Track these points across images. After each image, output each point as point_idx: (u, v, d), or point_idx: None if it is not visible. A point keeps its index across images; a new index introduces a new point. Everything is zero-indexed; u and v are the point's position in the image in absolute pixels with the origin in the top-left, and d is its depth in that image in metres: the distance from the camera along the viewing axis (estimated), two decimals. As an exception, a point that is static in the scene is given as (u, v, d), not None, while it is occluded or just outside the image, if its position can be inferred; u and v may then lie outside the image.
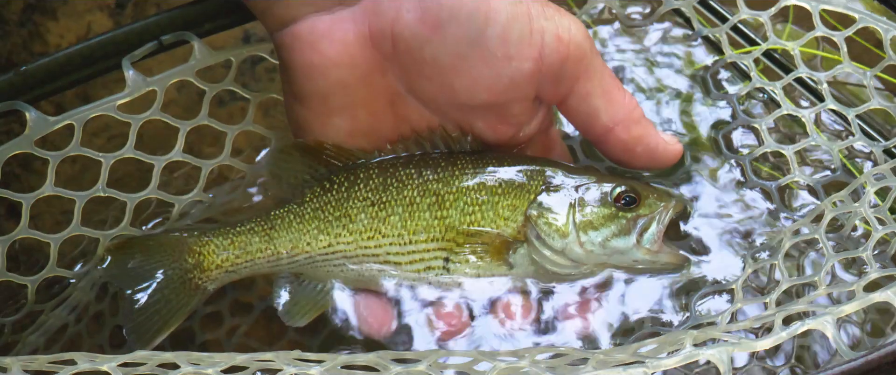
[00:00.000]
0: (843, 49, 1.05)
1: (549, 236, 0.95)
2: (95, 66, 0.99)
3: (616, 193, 0.96)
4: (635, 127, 0.98)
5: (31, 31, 1.19)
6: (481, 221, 0.96)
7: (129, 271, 0.97)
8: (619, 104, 0.97)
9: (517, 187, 0.97)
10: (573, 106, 0.97)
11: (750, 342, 0.77)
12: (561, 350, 0.84)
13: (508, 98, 0.95)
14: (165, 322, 0.96)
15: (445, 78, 0.94)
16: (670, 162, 1.00)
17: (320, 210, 0.98)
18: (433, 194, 0.96)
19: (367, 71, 0.95)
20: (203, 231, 0.99)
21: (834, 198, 0.98)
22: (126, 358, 0.75)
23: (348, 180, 0.98)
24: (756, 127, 1.09)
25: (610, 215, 0.96)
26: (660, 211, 0.96)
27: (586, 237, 0.95)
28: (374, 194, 0.97)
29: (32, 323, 1.01)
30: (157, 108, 1.01)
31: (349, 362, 0.79)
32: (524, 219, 0.96)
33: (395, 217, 0.96)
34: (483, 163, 0.98)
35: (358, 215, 0.97)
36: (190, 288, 0.98)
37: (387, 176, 0.98)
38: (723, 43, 1.12)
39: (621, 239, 0.95)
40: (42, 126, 0.96)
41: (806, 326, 0.77)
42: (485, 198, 0.96)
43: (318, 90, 0.95)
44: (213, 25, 1.03)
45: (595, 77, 0.96)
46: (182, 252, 0.97)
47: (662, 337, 0.87)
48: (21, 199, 0.97)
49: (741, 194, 1.07)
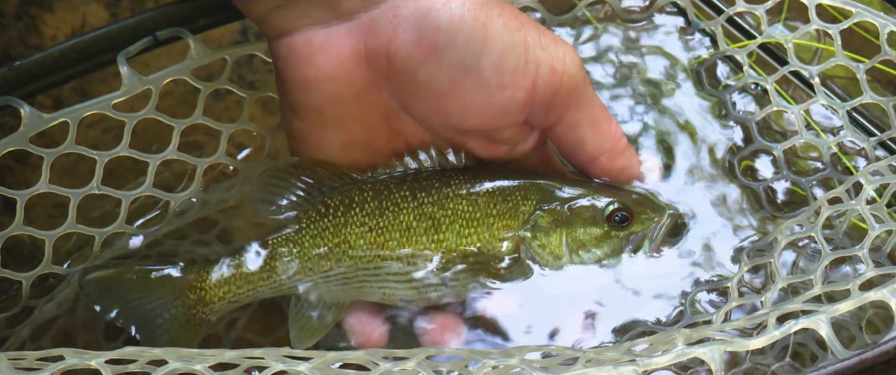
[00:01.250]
0: (837, 42, 1.04)
1: (541, 258, 0.96)
2: (90, 61, 0.99)
3: (608, 211, 0.96)
4: (620, 158, 0.99)
5: (28, 24, 1.19)
6: (477, 243, 0.96)
7: (130, 310, 0.97)
8: (606, 134, 0.98)
9: (511, 207, 0.97)
10: (560, 133, 0.98)
11: (743, 341, 0.76)
12: (552, 349, 0.83)
13: (499, 124, 0.96)
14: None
15: (438, 101, 0.94)
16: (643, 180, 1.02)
17: (319, 237, 0.98)
18: (429, 218, 0.97)
19: (361, 87, 0.95)
20: (202, 266, 0.98)
21: (830, 196, 0.97)
22: (114, 355, 0.75)
23: (343, 204, 0.98)
24: (747, 124, 1.09)
25: (602, 235, 0.96)
26: (652, 228, 0.97)
27: (579, 257, 0.96)
28: (370, 219, 0.97)
29: (27, 319, 1.01)
30: (152, 108, 1.01)
31: (339, 359, 0.79)
32: (518, 240, 0.96)
33: (393, 241, 0.96)
34: (476, 182, 0.98)
35: (356, 241, 0.97)
36: (195, 323, 0.98)
37: (382, 199, 0.98)
38: (718, 36, 1.12)
39: (614, 259, 0.97)
40: (37, 123, 0.96)
41: (799, 325, 0.76)
42: (480, 220, 0.96)
43: (313, 104, 0.95)
44: (209, 21, 1.03)
45: (585, 108, 0.96)
46: (183, 289, 0.97)
47: (655, 336, 0.87)
48: (15, 196, 0.98)
49: (734, 191, 1.06)
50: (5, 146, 0.96)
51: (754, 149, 1.08)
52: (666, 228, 0.97)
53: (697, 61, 1.14)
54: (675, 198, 1.02)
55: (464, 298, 0.97)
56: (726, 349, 0.75)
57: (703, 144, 1.09)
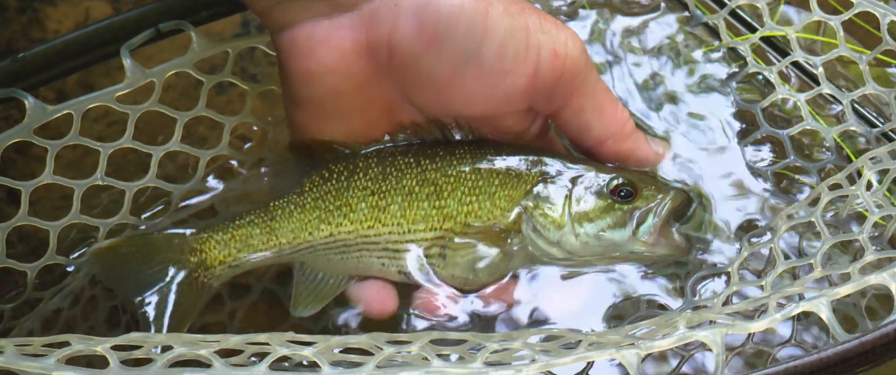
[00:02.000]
0: (839, 33, 1.04)
1: (544, 227, 0.95)
2: (93, 53, 1.00)
3: (613, 185, 0.96)
4: (626, 141, 0.99)
5: (31, 18, 1.20)
6: (478, 211, 0.96)
7: (131, 277, 0.97)
8: (611, 119, 0.98)
9: (513, 177, 0.97)
10: (565, 119, 0.98)
11: (744, 324, 0.77)
12: (554, 332, 0.84)
13: (502, 111, 0.96)
14: (177, 325, 0.96)
15: (440, 91, 0.94)
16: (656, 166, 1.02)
17: (321, 199, 0.98)
18: (431, 184, 0.97)
19: (362, 79, 0.95)
20: (202, 227, 0.99)
21: (830, 182, 0.98)
22: (120, 340, 0.75)
23: (347, 169, 0.98)
24: (752, 112, 1.09)
25: (606, 207, 0.95)
26: (657, 204, 0.96)
27: (582, 229, 0.95)
28: (373, 183, 0.97)
29: (32, 310, 1.01)
30: (155, 100, 1.02)
31: (343, 343, 0.79)
32: (520, 210, 0.96)
33: (395, 206, 0.97)
34: (480, 152, 0.98)
35: (358, 204, 0.97)
36: (196, 287, 0.97)
37: (386, 165, 0.98)
38: (721, 28, 1.12)
39: (617, 231, 0.95)
40: (40, 114, 0.97)
41: (800, 308, 0.76)
42: (482, 189, 0.96)
43: (314, 96, 0.96)
44: (211, 13, 1.04)
45: (589, 92, 0.96)
46: (184, 251, 0.97)
47: (656, 319, 0.87)
48: (20, 187, 0.98)
49: (737, 178, 1.06)
50: (9, 137, 0.96)
51: (758, 137, 1.08)
52: (670, 206, 0.96)
53: (705, 50, 1.15)
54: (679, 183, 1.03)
55: (462, 281, 0.97)
56: (728, 332, 0.75)
57: (707, 131, 1.10)
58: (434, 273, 0.97)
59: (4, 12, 1.18)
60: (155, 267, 0.97)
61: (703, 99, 1.13)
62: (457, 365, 0.74)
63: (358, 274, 0.99)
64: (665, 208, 0.96)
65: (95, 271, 0.99)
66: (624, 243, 0.95)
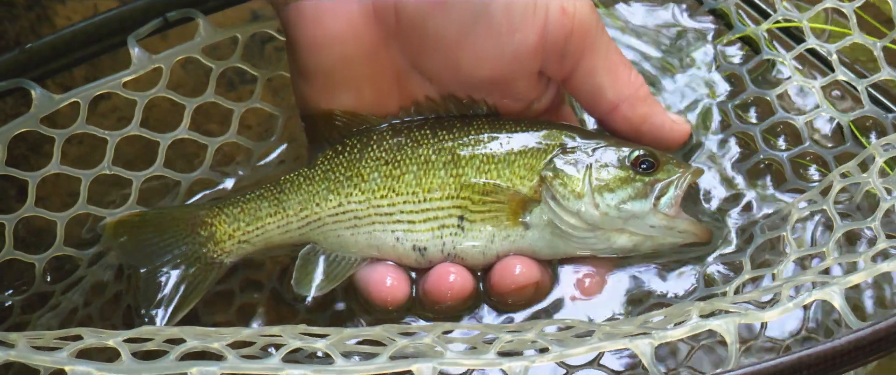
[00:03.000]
0: (852, 20, 1.04)
1: (564, 197, 0.94)
2: (101, 43, 1.00)
3: (634, 156, 0.95)
4: (641, 105, 0.97)
5: (39, 14, 1.19)
6: (497, 180, 0.95)
7: (142, 249, 0.96)
8: (625, 81, 0.96)
9: (533, 146, 0.95)
10: (578, 82, 0.96)
11: (757, 313, 0.77)
12: (568, 322, 0.84)
13: (512, 73, 0.95)
14: (184, 300, 0.96)
15: (449, 53, 0.93)
16: (677, 142, 1.00)
17: (331, 171, 0.97)
18: (448, 152, 0.95)
19: (371, 46, 0.94)
20: (213, 202, 0.98)
21: (842, 169, 0.97)
22: (132, 334, 0.75)
23: (361, 142, 0.97)
24: (767, 98, 1.08)
25: (627, 178, 0.94)
26: (678, 176, 0.95)
27: (602, 199, 0.93)
28: (387, 153, 0.96)
29: (43, 305, 1.01)
30: (163, 86, 1.01)
31: (356, 335, 0.79)
32: (540, 179, 0.94)
33: (410, 175, 0.95)
34: (499, 124, 0.97)
35: (370, 174, 0.96)
36: (206, 262, 0.97)
37: (401, 136, 0.97)
38: (731, 15, 1.11)
39: (637, 202, 0.94)
40: (47, 104, 0.96)
41: (813, 297, 0.76)
42: (501, 157, 0.95)
43: (323, 66, 0.95)
44: (220, 2, 1.03)
45: (600, 53, 0.95)
46: (194, 225, 0.97)
47: (669, 309, 0.87)
48: (27, 178, 0.98)
49: (750, 165, 1.06)
50: (16, 127, 0.96)
51: (772, 123, 1.08)
52: (690, 180, 0.95)
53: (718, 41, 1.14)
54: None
55: (480, 253, 0.95)
56: (741, 321, 0.75)
57: (719, 116, 1.09)
58: (452, 245, 0.95)
59: (13, 9, 1.18)
60: (167, 240, 0.97)
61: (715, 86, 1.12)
62: (470, 355, 0.74)
63: (370, 253, 0.97)
64: (686, 181, 0.95)
65: (109, 244, 0.99)
66: (644, 215, 0.94)
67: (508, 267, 0.94)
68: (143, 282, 0.96)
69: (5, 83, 0.96)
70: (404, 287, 0.95)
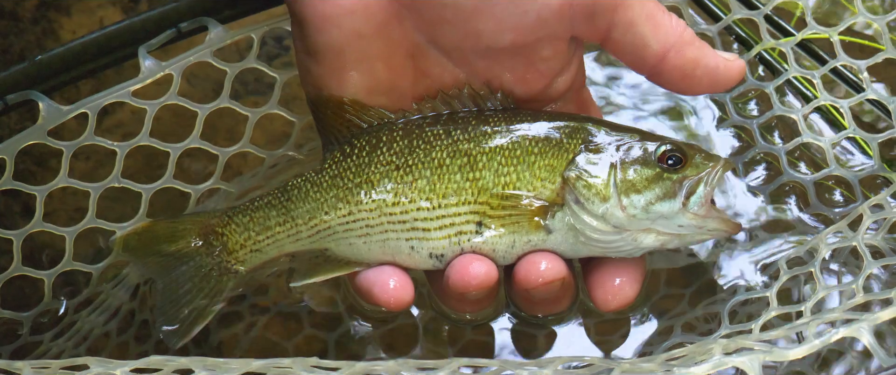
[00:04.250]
0: (885, 35, 1.01)
1: (588, 199, 0.89)
2: (111, 55, 0.98)
3: (660, 152, 0.90)
4: (689, 49, 0.91)
5: (45, 28, 1.18)
6: (516, 183, 0.90)
7: (155, 261, 0.95)
8: (668, 28, 0.90)
9: (554, 146, 0.91)
10: (618, 39, 0.91)
11: (782, 351, 0.74)
12: (586, 360, 0.82)
13: (537, 39, 0.90)
14: (202, 311, 0.94)
15: (468, 21, 0.89)
16: (734, 81, 0.93)
17: (339, 177, 0.93)
18: (464, 155, 0.91)
19: (383, 20, 0.90)
20: (225, 210, 0.96)
21: (873, 202, 0.95)
22: (140, 364, 0.74)
23: (370, 144, 0.93)
24: (794, 118, 1.06)
25: (654, 176, 0.89)
26: (708, 172, 0.90)
27: (628, 200, 0.89)
28: (398, 157, 0.92)
29: (55, 325, 1.00)
30: (174, 92, 0.99)
31: (368, 370, 0.77)
32: (562, 181, 0.90)
33: (423, 180, 0.91)
34: (517, 120, 0.92)
35: (381, 180, 0.92)
36: (220, 272, 0.95)
37: (412, 137, 0.92)
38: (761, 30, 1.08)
39: (666, 202, 0.89)
40: (55, 115, 0.94)
41: (840, 334, 0.74)
42: (520, 158, 0.91)
43: (333, 43, 0.90)
44: (234, 11, 1.01)
45: (635, 3, 0.89)
46: (208, 235, 0.95)
47: (692, 346, 0.85)
48: (35, 192, 0.96)
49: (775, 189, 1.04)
50: (24, 139, 0.94)
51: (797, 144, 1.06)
52: (721, 175, 0.91)
53: None
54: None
55: (500, 258, 0.91)
56: (765, 358, 0.73)
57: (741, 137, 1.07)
58: (471, 251, 0.91)
59: (18, 22, 1.17)
60: (181, 249, 0.95)
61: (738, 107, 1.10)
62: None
63: (386, 260, 0.93)
64: (717, 176, 0.91)
65: (122, 257, 0.97)
66: (673, 216, 0.89)
67: (534, 263, 0.90)
68: (159, 295, 0.94)
69: (15, 95, 0.94)
70: (408, 288, 0.91)
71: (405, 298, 0.90)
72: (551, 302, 0.93)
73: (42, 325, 1.00)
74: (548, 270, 0.89)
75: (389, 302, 0.90)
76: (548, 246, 0.91)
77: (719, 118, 1.11)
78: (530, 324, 1.00)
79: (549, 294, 0.90)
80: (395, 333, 1.02)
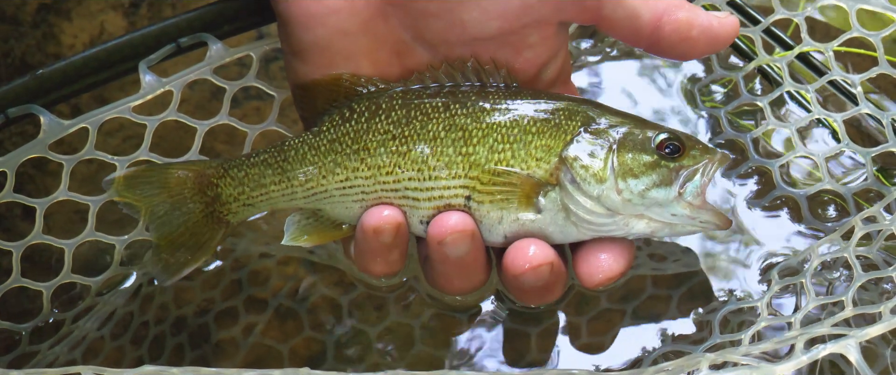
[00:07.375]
0: (880, 49, 1.01)
1: (584, 181, 0.89)
2: (112, 70, 0.98)
3: (659, 140, 0.90)
4: (680, 12, 0.91)
5: (45, 32, 1.19)
6: (511, 160, 0.90)
7: (152, 202, 0.96)
8: None
9: (553, 126, 0.91)
10: (609, 15, 0.91)
11: (768, 366, 0.74)
12: (575, 373, 0.82)
13: (523, 24, 0.91)
14: (192, 255, 0.96)
15: (453, 11, 0.90)
16: (731, 38, 0.93)
17: (337, 142, 0.93)
18: (460, 129, 0.91)
19: (368, 17, 0.91)
20: (221, 162, 0.96)
21: (866, 214, 0.95)
22: (133, 373, 0.75)
23: (369, 110, 0.93)
24: (787, 131, 1.06)
25: (652, 163, 0.90)
26: (705, 164, 0.91)
27: (625, 184, 0.89)
28: (395, 127, 0.92)
29: (54, 334, 1.01)
30: (174, 109, 1.00)
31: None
32: (558, 161, 0.90)
33: (416, 151, 0.92)
34: (517, 98, 0.93)
35: (377, 148, 0.92)
36: (213, 220, 0.96)
37: (411, 107, 0.93)
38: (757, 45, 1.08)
39: (662, 189, 0.89)
40: (56, 130, 0.96)
41: (827, 350, 0.74)
42: (516, 136, 0.91)
43: (318, 41, 0.91)
44: (232, 27, 1.02)
45: None
46: (202, 184, 0.95)
47: (679, 361, 0.85)
48: (35, 204, 0.97)
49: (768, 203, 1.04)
50: (25, 153, 0.95)
51: (790, 159, 1.06)
52: (717, 167, 0.92)
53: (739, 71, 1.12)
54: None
55: (485, 232, 0.91)
56: (752, 374, 0.74)
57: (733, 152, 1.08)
58: None
59: (19, 27, 1.17)
60: (174, 195, 0.96)
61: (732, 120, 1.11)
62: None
63: None
64: (713, 169, 0.91)
65: (116, 198, 0.97)
66: (667, 203, 0.90)
67: (522, 248, 0.90)
68: (153, 235, 0.96)
69: (16, 109, 0.95)
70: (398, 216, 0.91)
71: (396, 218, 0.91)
72: (542, 290, 0.91)
73: (42, 333, 1.01)
74: (535, 255, 0.89)
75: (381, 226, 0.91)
76: (537, 225, 0.91)
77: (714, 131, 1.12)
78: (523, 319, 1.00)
79: (539, 280, 0.90)
80: (394, 333, 1.03)
